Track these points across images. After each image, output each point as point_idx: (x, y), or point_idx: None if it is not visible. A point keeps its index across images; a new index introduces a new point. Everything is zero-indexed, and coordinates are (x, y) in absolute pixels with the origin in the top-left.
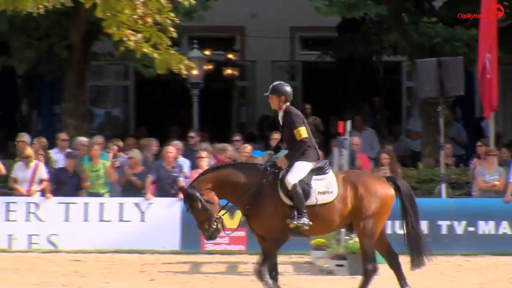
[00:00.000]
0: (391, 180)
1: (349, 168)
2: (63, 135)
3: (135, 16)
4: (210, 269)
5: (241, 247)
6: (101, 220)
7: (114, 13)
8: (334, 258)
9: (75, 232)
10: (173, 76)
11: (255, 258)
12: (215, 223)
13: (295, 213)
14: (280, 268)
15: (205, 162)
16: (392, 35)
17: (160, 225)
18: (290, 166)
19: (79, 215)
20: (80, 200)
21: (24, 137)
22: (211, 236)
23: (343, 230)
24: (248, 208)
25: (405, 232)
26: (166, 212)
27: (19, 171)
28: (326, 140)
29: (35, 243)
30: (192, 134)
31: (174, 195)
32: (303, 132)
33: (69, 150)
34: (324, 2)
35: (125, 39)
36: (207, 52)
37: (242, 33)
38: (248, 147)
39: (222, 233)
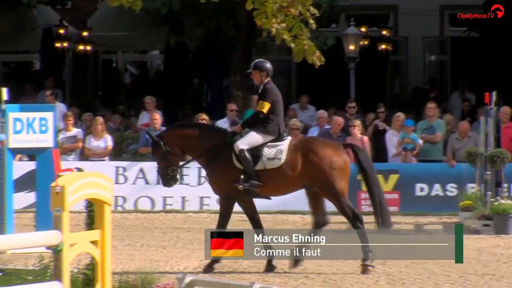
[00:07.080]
0: (349, 147)
1: (495, 137)
2: (232, 106)
3: (277, 5)
4: (366, 227)
5: (395, 208)
6: None
7: (262, 1)
8: (481, 218)
9: None
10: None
11: (408, 219)
12: (173, 172)
13: (243, 176)
14: (431, 227)
15: (358, 130)
16: None
17: None
18: (246, 133)
19: None
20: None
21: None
22: (168, 183)
23: (489, 192)
24: (206, 168)
25: (370, 196)
26: None
27: None
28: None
29: (206, 205)
30: (351, 104)
31: None
32: (265, 106)
33: (236, 119)
34: None
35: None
36: (363, 29)
37: (395, 11)
38: (401, 116)
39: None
